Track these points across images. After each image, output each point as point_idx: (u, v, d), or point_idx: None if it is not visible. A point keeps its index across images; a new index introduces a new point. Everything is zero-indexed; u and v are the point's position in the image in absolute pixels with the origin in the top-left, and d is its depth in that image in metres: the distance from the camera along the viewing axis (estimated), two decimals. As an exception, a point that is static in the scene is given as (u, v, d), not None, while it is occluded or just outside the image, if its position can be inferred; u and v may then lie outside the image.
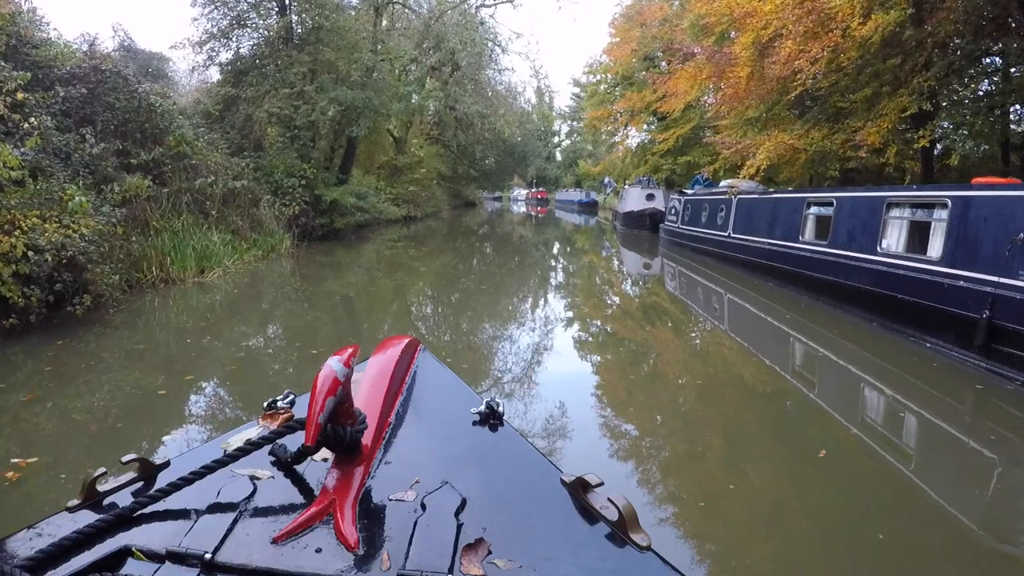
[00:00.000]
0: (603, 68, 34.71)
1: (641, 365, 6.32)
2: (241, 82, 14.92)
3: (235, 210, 12.02)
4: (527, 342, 6.98)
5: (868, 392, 5.43)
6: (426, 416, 1.34)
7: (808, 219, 8.83)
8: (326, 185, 15.06)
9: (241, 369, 5.50)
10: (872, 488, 3.51)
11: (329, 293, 9.51)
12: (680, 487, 3.57)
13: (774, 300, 8.83)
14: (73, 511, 1.01)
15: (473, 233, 26.10)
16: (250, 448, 1.11)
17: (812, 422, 4.64)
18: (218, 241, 10.25)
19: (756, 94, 12.94)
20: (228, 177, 11.67)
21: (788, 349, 6.88)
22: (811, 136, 12.52)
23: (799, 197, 9.14)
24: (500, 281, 11.86)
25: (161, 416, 4.30)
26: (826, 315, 7.66)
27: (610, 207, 38.80)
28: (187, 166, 10.82)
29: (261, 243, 11.94)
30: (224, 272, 9.87)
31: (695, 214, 14.34)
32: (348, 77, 14.45)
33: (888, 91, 10.98)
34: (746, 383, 5.63)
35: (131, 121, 10.06)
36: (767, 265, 9.81)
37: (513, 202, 68.15)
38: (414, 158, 26.23)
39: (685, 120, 26.49)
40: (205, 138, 12.05)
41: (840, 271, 7.66)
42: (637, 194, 22.27)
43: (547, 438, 4.06)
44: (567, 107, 58.01)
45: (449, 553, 0.89)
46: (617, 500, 0.96)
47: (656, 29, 29.00)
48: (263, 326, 7.34)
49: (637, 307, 9.92)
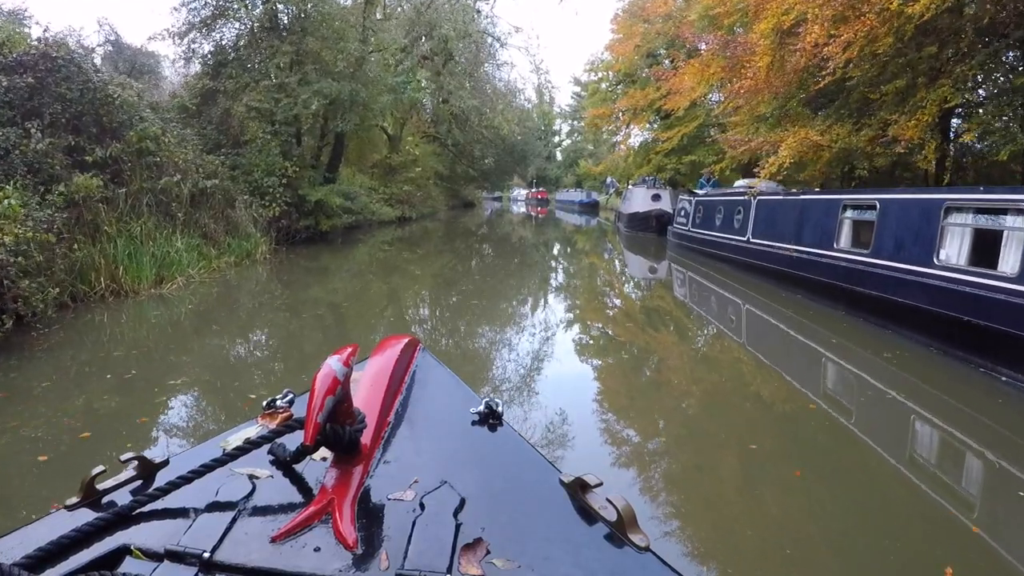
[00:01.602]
0: (605, 65, 34.03)
1: (644, 371, 6.06)
2: (220, 74, 13.89)
3: (207, 212, 10.99)
4: (527, 348, 6.63)
5: (921, 426, 4.55)
6: (425, 416, 1.33)
7: (844, 224, 7.79)
8: (311, 185, 14.01)
9: (159, 415, 4.47)
10: (923, 535, 3.00)
11: (306, 304, 8.51)
12: (682, 492, 3.47)
13: (803, 314, 7.82)
14: (72, 509, 1.01)
15: (472, 234, 25.20)
16: (249, 447, 1.10)
17: (846, 451, 4.04)
18: (182, 247, 9.23)
19: (775, 86, 11.91)
20: (199, 176, 10.64)
21: (818, 370, 5.98)
22: (834, 132, 11.53)
23: (834, 199, 8.11)
24: (497, 287, 10.84)
25: (57, 477, 3.28)
26: (870, 335, 6.65)
27: (612, 208, 37.99)
28: (150, 164, 9.80)
29: (235, 248, 10.92)
30: (187, 282, 8.84)
31: (708, 216, 13.28)
32: (334, 68, 13.38)
33: (924, 82, 9.98)
34: (763, 399, 5.11)
35: (86, 114, 9.03)
36: (794, 275, 8.77)
37: (513, 202, 67.82)
38: (409, 157, 25.17)
39: (690, 118, 25.96)
40: (175, 133, 11.02)
41: (887, 285, 6.64)
42: (642, 194, 21.18)
43: (547, 446, 3.90)
44: (568, 106, 57.47)
45: (448, 553, 0.89)
46: (616, 500, 0.96)
47: (660, 25, 28.37)
48: (213, 354, 6.30)
49: (642, 314, 9.00)
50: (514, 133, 33.69)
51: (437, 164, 30.61)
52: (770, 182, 11.52)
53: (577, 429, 4.25)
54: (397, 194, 23.48)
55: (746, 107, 17.49)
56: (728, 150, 21.82)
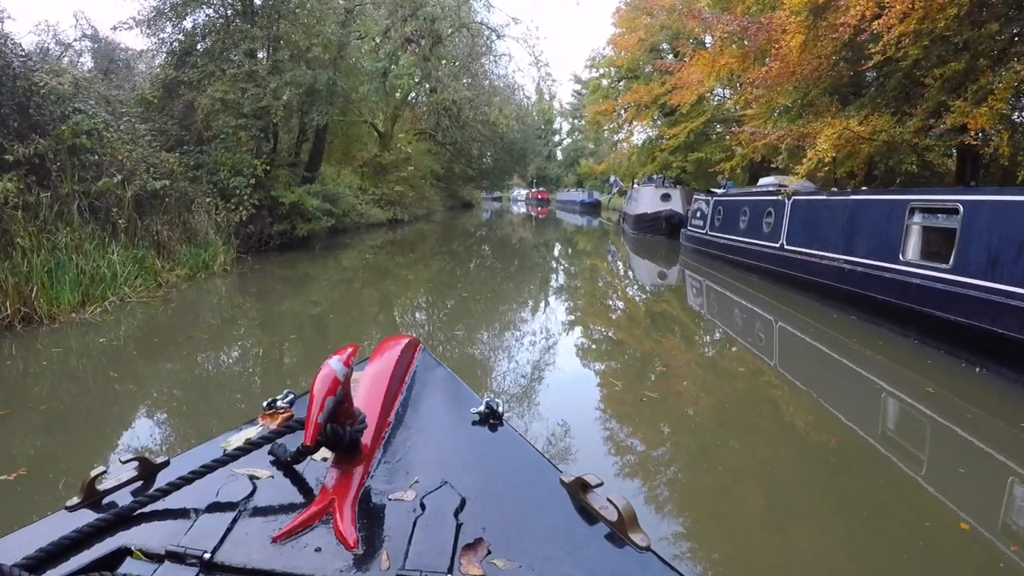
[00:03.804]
0: (606, 61, 32.82)
1: (650, 375, 5.71)
2: (185, 63, 12.49)
3: (160, 218, 9.62)
4: (525, 356, 6.26)
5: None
6: (426, 416, 1.32)
7: (913, 231, 6.40)
8: (286, 185, 12.60)
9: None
10: None
11: (265, 327, 7.13)
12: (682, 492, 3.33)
13: (858, 338, 6.45)
14: (72, 510, 1.00)
15: (470, 235, 23.88)
16: (249, 448, 1.09)
17: (903, 500, 3.31)
18: (118, 260, 7.84)
19: (805, 71, 10.52)
20: (148, 176, 9.26)
21: (874, 404, 4.86)
22: (872, 122, 10.15)
23: (896, 200, 6.71)
24: (496, 294, 9.45)
25: None
26: (955, 374, 5.28)
27: (615, 208, 36.71)
28: (88, 163, 8.43)
29: (190, 259, 9.53)
30: (121, 303, 7.44)
31: (730, 219, 11.82)
32: (307, 54, 11.94)
33: (986, 64, 8.58)
34: (797, 429, 4.42)
35: (4, 105, 7.68)
36: (844, 291, 7.36)
37: (513, 202, 66.86)
38: (401, 155, 23.74)
39: (696, 113, 24.89)
40: (126, 129, 9.65)
41: (979, 311, 5.25)
42: (650, 194, 19.71)
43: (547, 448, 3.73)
44: (568, 104, 56.35)
45: (448, 553, 0.88)
46: (616, 500, 0.95)
47: (664, 17, 27.21)
48: (124, 403, 4.92)
49: (650, 320, 7.75)
50: (513, 130, 32.33)
51: (432, 163, 29.16)
52: (804, 181, 10.13)
53: (578, 431, 4.14)
54: (388, 195, 22.08)
55: (764, 98, 16.19)
56: (739, 147, 20.54)
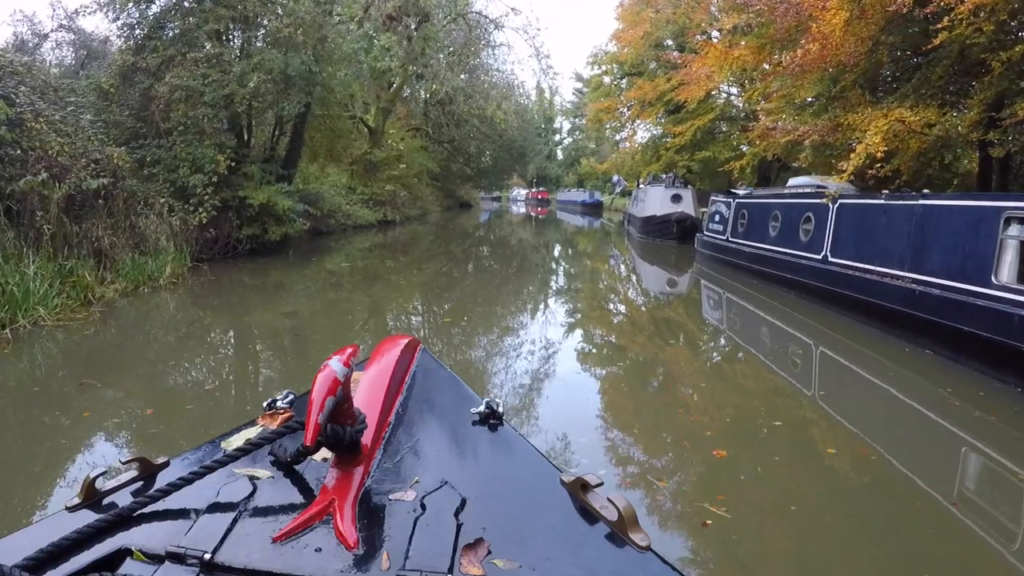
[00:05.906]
0: (609, 58, 31.66)
1: (654, 382, 5.62)
2: (145, 47, 11.16)
3: (102, 222, 8.30)
4: (524, 366, 5.46)
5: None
6: (426, 416, 1.32)
7: (1009, 246, 5.08)
8: (256, 184, 11.26)
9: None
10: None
11: (202, 359, 5.82)
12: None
13: (933, 380, 5.13)
14: (72, 511, 1.00)
15: (468, 236, 22.60)
16: (250, 448, 1.09)
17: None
18: (37, 274, 6.51)
19: (843, 55, 9.21)
20: (85, 174, 7.94)
21: (952, 460, 3.88)
22: (920, 114, 8.89)
23: (987, 207, 5.38)
24: (494, 304, 8.14)
25: None
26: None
27: (618, 208, 35.48)
28: (3, 158, 7.13)
29: (132, 271, 8.20)
30: (34, 327, 6.09)
31: (757, 224, 10.43)
32: (279, 34, 10.57)
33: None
34: (836, 470, 3.59)
35: None
36: (916, 318, 5.98)
37: (512, 202, 65.78)
38: (393, 152, 22.40)
39: (703, 110, 23.80)
40: (57, 117, 8.32)
41: None
42: (659, 195, 18.32)
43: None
44: (569, 102, 55.10)
45: (449, 553, 0.88)
46: (617, 500, 0.95)
47: (669, 12, 26.11)
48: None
49: (664, 333, 6.43)
50: (512, 128, 31.04)
51: (428, 161, 27.82)
52: (844, 183, 8.81)
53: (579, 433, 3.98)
54: (378, 194, 20.74)
55: (783, 90, 14.93)
56: (748, 146, 19.25)
